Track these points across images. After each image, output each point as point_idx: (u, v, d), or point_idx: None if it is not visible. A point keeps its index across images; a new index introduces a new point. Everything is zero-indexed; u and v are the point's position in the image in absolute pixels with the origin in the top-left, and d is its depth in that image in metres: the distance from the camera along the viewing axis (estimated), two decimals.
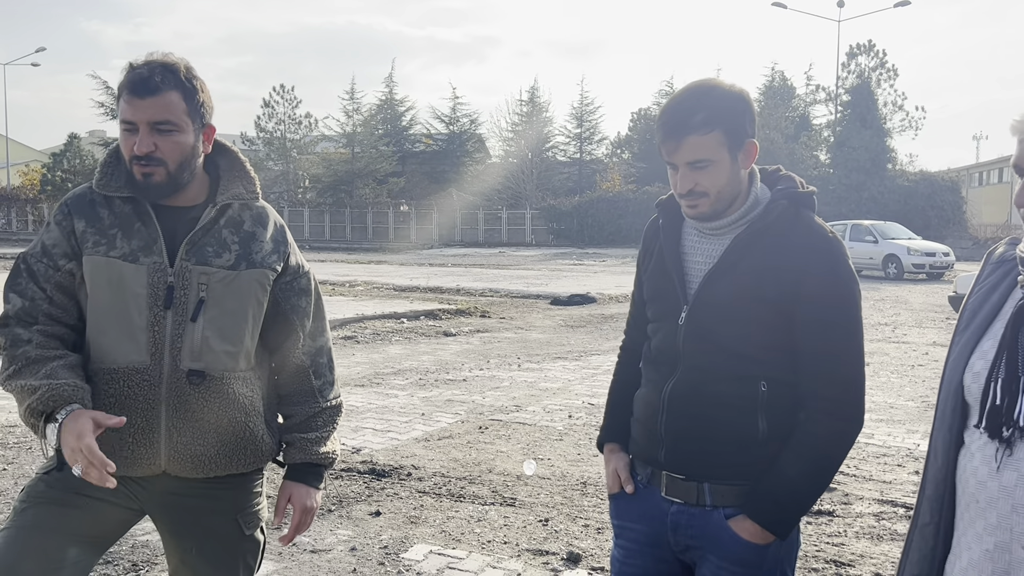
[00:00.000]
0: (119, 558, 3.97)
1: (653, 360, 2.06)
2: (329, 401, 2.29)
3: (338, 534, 4.36)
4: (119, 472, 2.06)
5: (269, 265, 2.16)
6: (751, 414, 1.91)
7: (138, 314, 2.03)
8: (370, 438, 6.28)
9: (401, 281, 19.73)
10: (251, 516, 2.23)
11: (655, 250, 2.11)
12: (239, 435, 2.14)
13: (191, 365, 2.05)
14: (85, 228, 2.07)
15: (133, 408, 2.04)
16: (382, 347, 10.60)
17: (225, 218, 2.13)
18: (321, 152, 47.88)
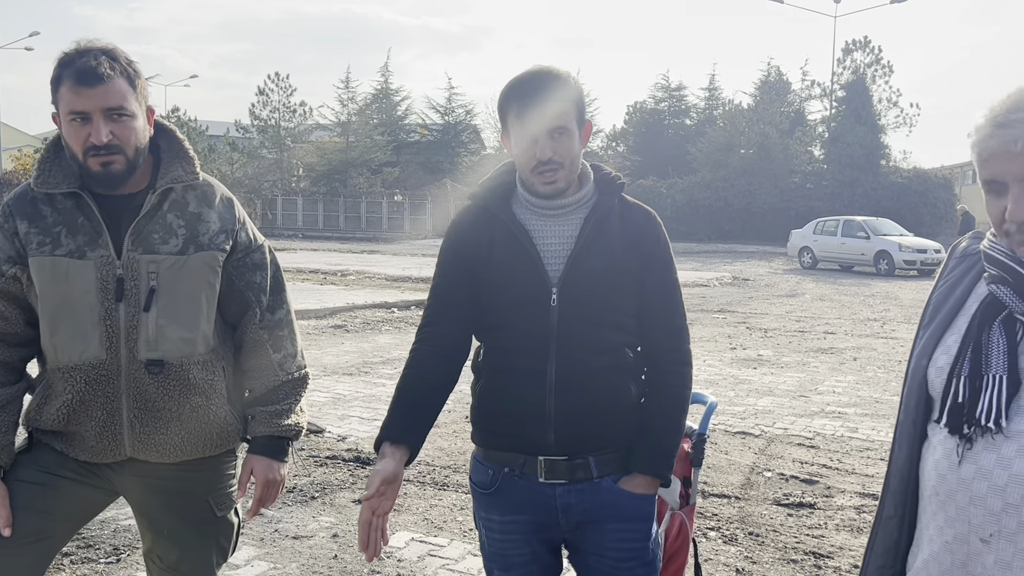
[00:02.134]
0: (100, 542, 3.98)
1: (516, 348, 2.03)
2: (291, 374, 2.27)
3: (320, 520, 4.37)
4: (86, 459, 2.09)
5: (217, 246, 2.13)
6: (625, 381, 2.06)
7: (89, 310, 2.01)
8: (356, 426, 6.28)
9: (393, 271, 19.71)
10: (223, 497, 2.23)
11: (495, 238, 2.07)
12: (202, 420, 2.14)
13: (149, 355, 2.04)
14: (28, 229, 2.03)
15: (93, 403, 2.05)
16: (372, 336, 10.61)
17: (168, 202, 2.10)
18: (315, 141, 47.67)
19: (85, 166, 1.99)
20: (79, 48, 1.98)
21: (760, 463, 5.59)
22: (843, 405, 7.39)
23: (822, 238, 24.35)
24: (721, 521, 4.51)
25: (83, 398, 2.04)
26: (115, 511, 4.21)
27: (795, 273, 22.76)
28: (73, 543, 3.93)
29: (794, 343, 10.85)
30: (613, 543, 2.05)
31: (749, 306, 15.01)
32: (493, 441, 2.11)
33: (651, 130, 47.40)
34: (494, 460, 2.10)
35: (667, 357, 2.09)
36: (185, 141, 2.17)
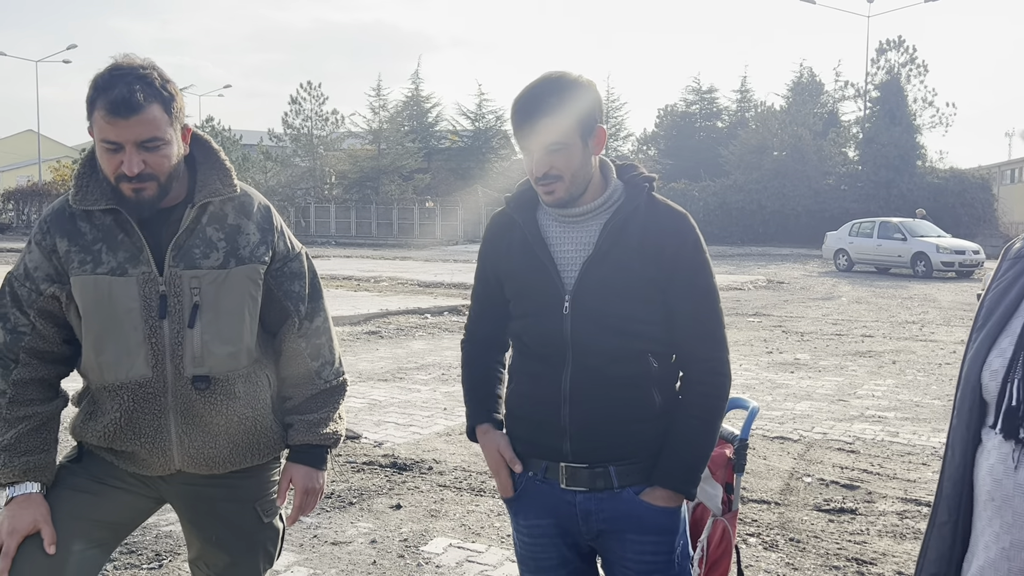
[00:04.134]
0: (143, 548, 4.02)
1: (535, 354, 2.06)
2: (329, 382, 2.26)
3: (359, 526, 4.39)
4: (135, 471, 2.12)
5: (258, 258, 2.12)
6: (647, 390, 2.01)
7: (134, 328, 2.01)
8: (392, 432, 6.31)
9: (426, 277, 19.78)
10: (269, 504, 2.25)
11: (513, 245, 2.11)
12: (249, 431, 2.15)
13: (195, 371, 2.04)
14: (68, 247, 2.02)
15: (141, 419, 2.06)
16: (405, 342, 10.65)
17: (207, 215, 2.08)
18: (347, 148, 48.02)
19: (117, 189, 1.97)
20: (114, 70, 1.93)
21: (799, 468, 5.53)
22: (883, 409, 7.29)
23: (858, 240, 24.06)
24: (761, 527, 4.46)
25: (130, 416, 2.05)
26: (156, 517, 4.25)
27: (831, 276, 22.51)
28: (117, 549, 3.98)
29: (831, 346, 10.72)
30: (633, 555, 2.04)
31: (784, 309, 14.86)
32: (517, 446, 2.13)
33: (682, 133, 47.19)
34: (525, 465, 2.12)
35: (697, 366, 2.04)
36: (221, 152, 2.16)
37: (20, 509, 1.99)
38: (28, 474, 2.03)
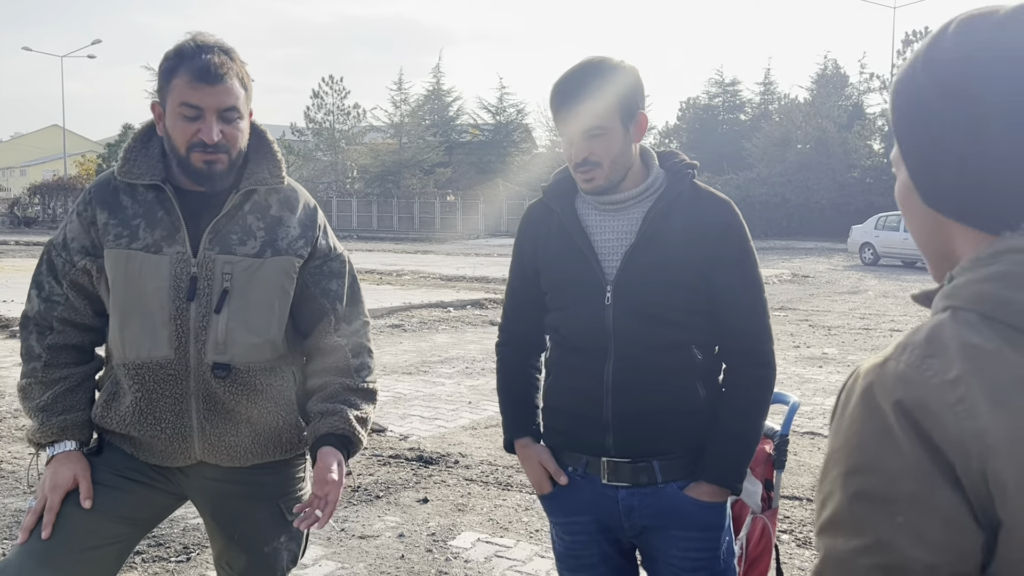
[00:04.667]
0: (171, 540, 4.01)
1: (574, 347, 2.01)
2: (367, 382, 2.17)
3: (386, 520, 4.36)
4: (156, 462, 2.08)
5: (295, 251, 2.08)
6: (691, 382, 1.96)
7: (160, 307, 1.98)
8: (417, 425, 6.28)
9: (448, 271, 19.76)
10: (294, 502, 2.18)
11: (551, 235, 2.06)
12: (272, 425, 2.10)
13: (216, 358, 2.00)
14: (108, 219, 2.02)
15: (161, 402, 2.02)
16: (429, 336, 10.63)
17: (250, 203, 2.06)
18: (369, 143, 48.10)
19: (186, 159, 1.96)
20: (199, 42, 1.95)
21: None
22: None
23: (884, 233, 23.79)
24: (794, 524, 4.39)
25: (151, 398, 2.02)
26: (184, 510, 4.23)
27: (856, 269, 22.28)
28: (144, 541, 3.97)
29: (859, 341, 10.59)
30: (678, 551, 1.99)
31: (811, 303, 14.72)
32: (556, 440, 2.09)
33: (705, 126, 46.90)
34: (557, 459, 2.07)
35: (740, 358, 2.00)
36: (274, 144, 2.14)
37: (60, 466, 2.01)
38: (65, 432, 2.05)
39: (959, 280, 0.87)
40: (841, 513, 0.82)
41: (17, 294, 10.31)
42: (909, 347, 0.83)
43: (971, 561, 0.78)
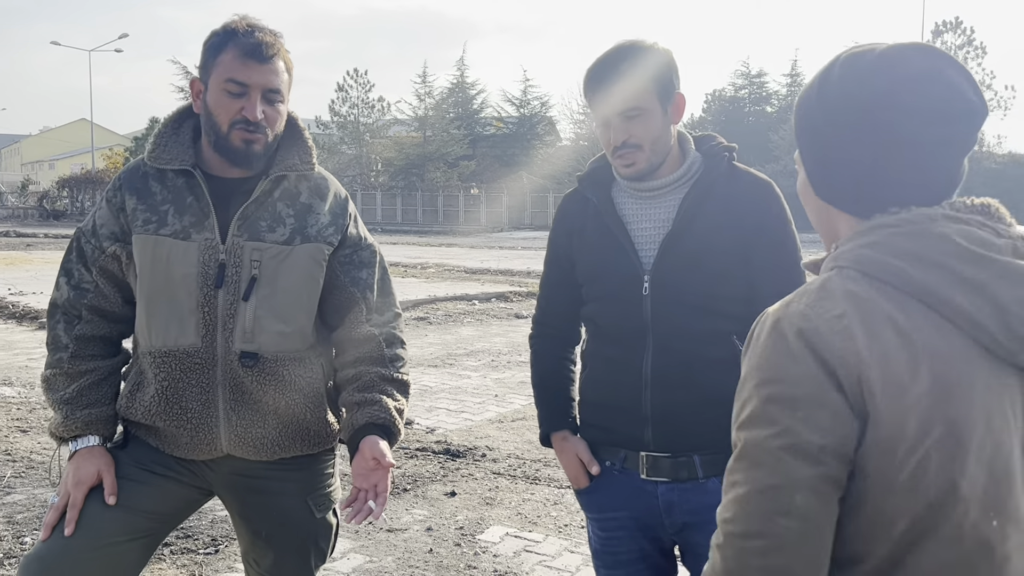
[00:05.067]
0: (199, 532, 4.00)
1: (612, 338, 1.96)
2: (401, 373, 2.11)
3: (414, 513, 4.33)
4: (182, 455, 2.04)
5: (325, 239, 2.04)
6: (732, 374, 1.88)
7: (188, 294, 1.95)
8: (444, 418, 6.25)
9: (472, 263, 19.73)
10: (322, 498, 2.14)
11: (587, 224, 2.01)
12: (300, 417, 2.05)
13: (243, 347, 1.96)
14: (136, 205, 1.99)
15: (187, 392, 1.98)
16: (454, 328, 10.60)
17: (280, 190, 2.03)
18: (393, 136, 48.21)
19: (226, 138, 1.94)
20: (249, 22, 1.96)
21: None
22: None
23: None
24: None
25: (177, 387, 1.98)
26: (212, 501, 4.23)
27: None
28: (173, 533, 3.96)
29: None
30: None
31: None
32: (593, 434, 2.04)
33: (731, 118, 46.51)
34: (595, 454, 2.03)
35: None
36: (306, 131, 2.11)
37: (84, 461, 1.98)
38: (90, 427, 2.02)
39: (843, 248, 1.15)
40: (757, 412, 1.08)
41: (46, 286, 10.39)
42: (807, 294, 1.12)
43: (849, 443, 1.04)
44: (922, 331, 1.05)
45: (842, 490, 1.06)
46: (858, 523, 1.07)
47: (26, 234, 30.54)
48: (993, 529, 1.05)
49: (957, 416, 1.03)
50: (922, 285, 1.06)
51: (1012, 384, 1.07)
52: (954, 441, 1.03)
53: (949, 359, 1.04)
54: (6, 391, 6.76)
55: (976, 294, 1.05)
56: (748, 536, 1.06)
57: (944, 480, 1.03)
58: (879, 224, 1.12)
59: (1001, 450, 1.05)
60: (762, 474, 1.06)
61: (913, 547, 1.05)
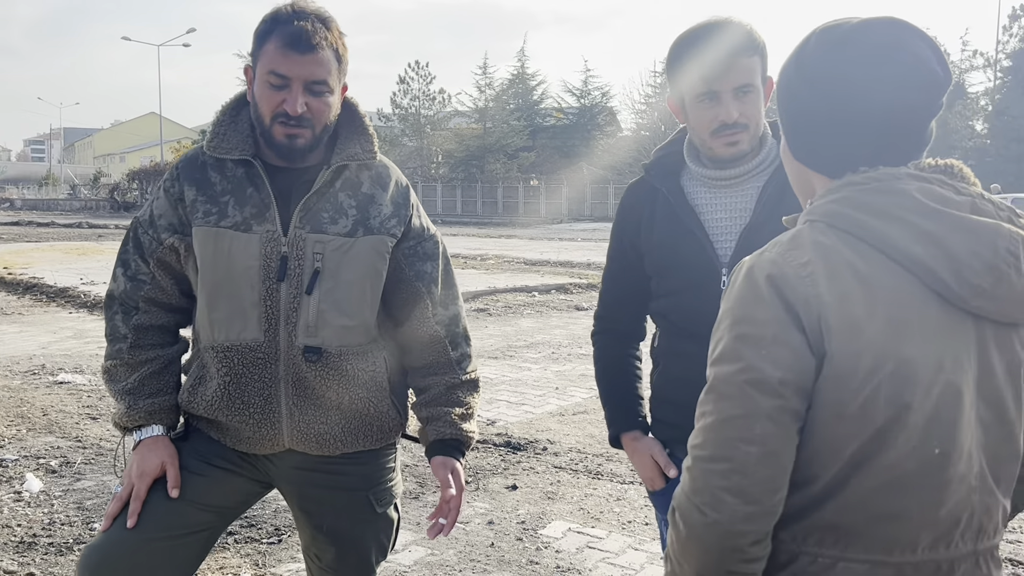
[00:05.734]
0: (262, 522, 4.03)
1: (686, 333, 1.87)
2: (468, 374, 2.11)
3: (475, 507, 4.30)
4: (243, 449, 2.02)
5: (388, 231, 1.99)
6: None
7: (250, 288, 1.91)
8: (505, 411, 6.21)
9: (532, 255, 19.68)
10: (384, 493, 2.10)
11: (656, 215, 1.92)
12: (363, 412, 2.01)
13: (307, 341, 1.92)
14: (196, 196, 1.94)
15: (250, 387, 1.95)
16: (514, 320, 10.56)
17: (341, 180, 1.97)
18: (454, 128, 48.36)
19: (269, 131, 1.88)
20: (295, 8, 1.86)
21: None
22: None
23: None
24: None
25: (239, 382, 1.94)
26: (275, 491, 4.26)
27: None
28: (237, 522, 4.00)
29: None
30: None
31: None
32: (666, 433, 1.97)
33: None
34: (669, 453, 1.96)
35: None
36: (366, 118, 2.04)
37: (148, 452, 1.96)
38: (153, 416, 2.00)
39: (815, 203, 1.25)
40: (727, 349, 1.19)
41: None
42: (779, 244, 1.22)
43: (807, 377, 1.15)
44: (880, 278, 1.15)
45: (801, 421, 1.16)
46: (812, 448, 1.18)
47: (97, 225, 31.40)
48: (935, 456, 1.16)
49: (908, 353, 1.14)
50: (883, 236, 1.16)
51: (966, 329, 1.17)
52: (903, 375, 1.13)
53: (904, 303, 1.15)
54: (77, 379, 6.92)
55: (932, 245, 1.14)
56: (713, 459, 1.18)
57: (892, 409, 1.14)
58: (848, 182, 1.22)
59: (950, 388, 1.15)
60: (727, 405, 1.17)
61: (858, 468, 1.16)
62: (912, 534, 1.18)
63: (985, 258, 1.15)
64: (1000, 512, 1.25)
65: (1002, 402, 1.21)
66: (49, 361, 7.51)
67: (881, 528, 1.18)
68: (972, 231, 1.16)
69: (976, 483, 1.20)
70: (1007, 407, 1.21)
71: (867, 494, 1.17)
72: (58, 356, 7.83)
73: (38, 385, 6.67)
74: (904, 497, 1.17)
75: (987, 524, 1.23)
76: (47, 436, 5.33)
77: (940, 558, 1.20)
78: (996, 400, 1.20)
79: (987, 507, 1.22)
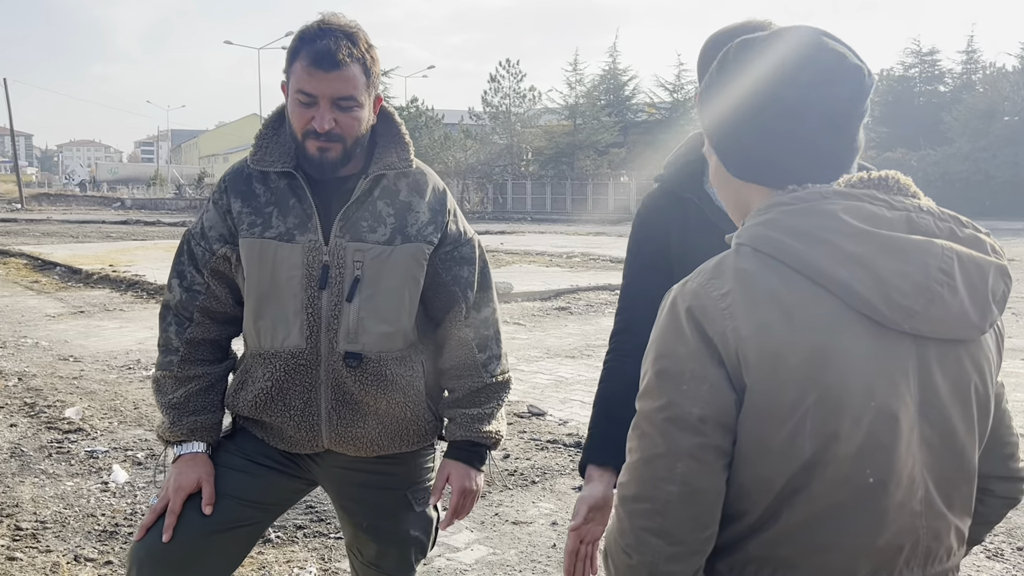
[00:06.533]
0: (331, 517, 4.11)
1: None
2: (495, 376, 2.14)
3: (540, 506, 4.30)
4: (285, 448, 2.08)
5: (425, 238, 2.03)
6: None
7: (292, 296, 1.96)
8: (577, 411, 6.19)
9: (619, 253, 19.51)
10: (421, 492, 2.16)
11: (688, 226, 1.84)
12: (400, 416, 2.06)
13: (347, 347, 1.97)
14: (241, 208, 2.01)
15: (292, 391, 2.01)
16: (595, 319, 10.51)
17: (379, 189, 2.02)
18: (544, 125, 48.39)
19: (302, 146, 1.95)
20: (322, 25, 1.92)
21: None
22: None
23: None
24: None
25: (281, 386, 2.01)
26: None
27: None
28: (307, 517, 4.11)
29: None
30: None
31: (1016, 290, 13.45)
32: None
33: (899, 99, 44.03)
34: None
35: None
36: (403, 126, 2.09)
37: (186, 467, 2.03)
38: (195, 434, 2.07)
39: (744, 226, 1.22)
40: (649, 384, 1.18)
41: None
42: (703, 272, 1.19)
43: (729, 412, 1.13)
44: (804, 304, 1.12)
45: (727, 456, 1.14)
46: (739, 483, 1.16)
47: None
48: (869, 485, 1.13)
49: (832, 382, 1.10)
50: (808, 261, 1.13)
51: (903, 351, 1.14)
52: (829, 405, 1.10)
53: (829, 329, 1.11)
54: None
55: (858, 267, 1.11)
56: (637, 499, 1.16)
57: (819, 440, 1.11)
58: (776, 202, 1.19)
59: (882, 414, 1.12)
60: (648, 443, 1.15)
61: (788, 501, 1.14)
62: (849, 565, 1.15)
63: (915, 279, 1.11)
64: (952, 534, 1.21)
65: (948, 422, 1.17)
66: (144, 356, 7.85)
67: (816, 559, 1.15)
68: (901, 251, 1.12)
69: (920, 508, 1.17)
70: (954, 427, 1.17)
71: (799, 526, 1.14)
72: (153, 351, 8.12)
73: (132, 379, 6.98)
74: (837, 528, 1.14)
75: (936, 548, 1.20)
76: (136, 429, 5.58)
77: None
78: (941, 421, 1.16)
79: (935, 532, 1.19)
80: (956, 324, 1.14)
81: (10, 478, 4.60)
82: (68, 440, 5.28)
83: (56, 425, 5.58)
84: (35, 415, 5.83)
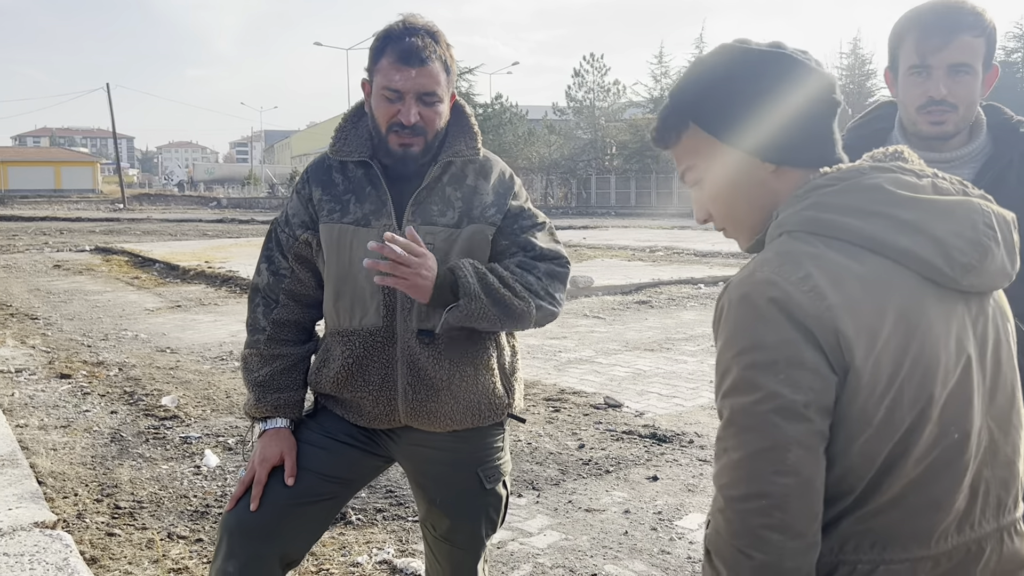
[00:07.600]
0: (410, 501, 4.23)
1: None
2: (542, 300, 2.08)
3: (613, 495, 4.34)
4: (364, 424, 2.19)
5: (487, 219, 2.12)
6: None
7: (369, 278, 2.05)
8: (654, 403, 6.19)
9: (703, 247, 19.32)
10: (492, 470, 2.23)
11: None
12: (472, 391, 2.14)
13: (421, 325, 2.08)
14: (321, 196, 2.14)
15: (370, 367, 2.12)
16: (675, 312, 10.45)
17: (448, 175, 2.12)
18: (628, 119, 48.05)
19: (385, 140, 2.06)
20: (406, 24, 2.03)
21: None
22: None
23: None
24: None
25: (360, 362, 2.13)
26: None
27: None
28: (386, 500, 4.25)
29: None
30: None
31: None
32: None
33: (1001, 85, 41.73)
34: None
35: None
36: (472, 117, 2.20)
37: (270, 441, 2.16)
38: (279, 410, 2.20)
39: (784, 215, 1.23)
40: (739, 380, 1.15)
41: None
42: (767, 263, 1.18)
43: (830, 396, 1.12)
44: (879, 275, 1.14)
45: (826, 441, 1.14)
46: (845, 464, 1.15)
47: None
48: (954, 442, 1.16)
49: (922, 348, 1.13)
50: (867, 234, 1.15)
51: (959, 308, 1.18)
52: (922, 371, 1.13)
53: (906, 297, 1.14)
54: None
55: (917, 233, 1.15)
56: (749, 498, 1.13)
57: (916, 409, 1.13)
58: (813, 186, 1.22)
59: (957, 370, 1.15)
60: (753, 437, 1.13)
61: (889, 472, 1.15)
62: (944, 522, 1.18)
63: (968, 236, 1.16)
64: (1017, 482, 1.25)
65: (998, 368, 1.22)
66: (236, 348, 8.16)
67: (916, 523, 1.17)
68: (950, 212, 1.17)
69: (988, 457, 1.21)
70: (1003, 372, 1.23)
71: (899, 494, 1.16)
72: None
73: (224, 370, 7.28)
74: (929, 489, 1.16)
75: (1005, 498, 1.23)
76: (227, 416, 5.83)
77: (969, 540, 1.19)
78: (994, 368, 1.21)
79: (1003, 481, 1.22)
80: (998, 275, 1.19)
81: (110, 461, 4.89)
82: (164, 426, 5.56)
83: (153, 412, 5.88)
84: (134, 403, 6.15)
